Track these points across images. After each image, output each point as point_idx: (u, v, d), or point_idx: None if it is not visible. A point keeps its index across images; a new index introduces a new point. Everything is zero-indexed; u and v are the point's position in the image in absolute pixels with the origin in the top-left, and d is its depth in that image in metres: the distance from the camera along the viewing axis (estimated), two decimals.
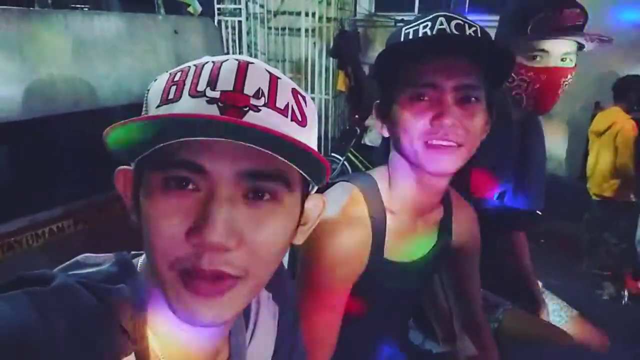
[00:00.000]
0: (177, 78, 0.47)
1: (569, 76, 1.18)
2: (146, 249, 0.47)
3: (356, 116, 5.11)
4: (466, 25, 0.80)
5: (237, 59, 0.47)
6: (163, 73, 0.50)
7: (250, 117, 0.44)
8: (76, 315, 0.44)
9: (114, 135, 0.41)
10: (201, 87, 0.45)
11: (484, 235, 1.10)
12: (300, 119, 0.48)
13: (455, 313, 1.15)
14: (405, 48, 0.82)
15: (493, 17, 1.32)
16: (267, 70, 0.48)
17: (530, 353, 1.26)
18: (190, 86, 0.45)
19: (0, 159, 1.59)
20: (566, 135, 4.19)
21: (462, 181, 0.99)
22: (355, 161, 4.92)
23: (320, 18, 5.52)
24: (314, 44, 5.66)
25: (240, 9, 6.00)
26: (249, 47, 6.18)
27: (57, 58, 1.67)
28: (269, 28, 6.02)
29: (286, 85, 0.49)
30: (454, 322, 1.17)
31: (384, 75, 0.85)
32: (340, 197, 0.87)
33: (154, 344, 0.51)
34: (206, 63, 0.47)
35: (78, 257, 0.54)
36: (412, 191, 0.89)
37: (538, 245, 3.40)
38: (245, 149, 0.42)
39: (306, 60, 5.71)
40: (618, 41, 1.22)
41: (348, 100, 5.84)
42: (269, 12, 5.97)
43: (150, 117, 0.42)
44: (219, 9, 6.02)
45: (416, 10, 5.43)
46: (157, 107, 0.47)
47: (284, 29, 5.95)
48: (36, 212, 1.62)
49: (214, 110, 0.43)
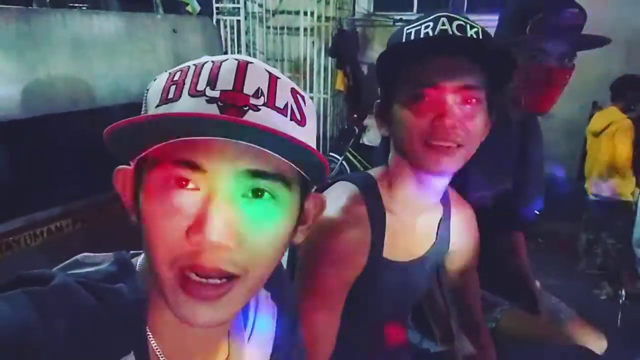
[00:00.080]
0: (176, 77, 0.47)
1: (568, 76, 1.18)
2: (145, 248, 0.47)
3: (355, 115, 5.11)
4: (468, 26, 0.80)
5: (236, 59, 0.47)
6: (162, 72, 0.50)
7: (250, 116, 0.44)
8: (75, 315, 0.44)
9: (114, 134, 0.41)
10: (201, 86, 0.45)
11: (483, 235, 1.10)
12: (299, 118, 0.48)
13: (453, 312, 1.16)
14: (407, 48, 0.83)
15: (492, 17, 1.32)
16: (267, 70, 0.48)
17: (528, 353, 1.26)
18: (190, 86, 0.45)
19: None
20: (564, 135, 4.19)
21: (462, 181, 0.99)
22: (354, 161, 4.91)
23: (319, 17, 5.51)
24: (313, 43, 5.66)
25: (239, 8, 6.00)
26: (247, 46, 6.17)
27: (55, 57, 1.66)
28: (268, 27, 6.02)
29: (285, 84, 0.49)
30: (451, 321, 1.17)
31: (385, 75, 0.85)
32: (339, 197, 0.87)
33: (153, 343, 0.51)
34: (206, 63, 0.47)
35: (77, 257, 0.54)
36: (411, 191, 0.89)
37: (537, 245, 3.41)
38: (245, 148, 0.42)
39: (305, 59, 5.71)
40: (616, 41, 1.22)
41: (346, 99, 5.83)
42: (267, 11, 5.97)
43: (150, 117, 0.42)
44: (217, 8, 6.01)
45: (415, 9, 5.43)
46: (157, 106, 0.47)
47: (282, 28, 5.94)
48: (34, 211, 1.62)
49: (213, 109, 0.43)
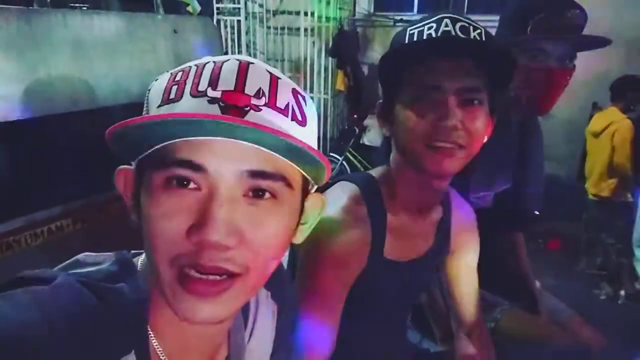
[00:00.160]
0: (178, 78, 0.47)
1: (569, 77, 1.18)
2: (146, 247, 0.47)
3: (355, 116, 5.11)
4: (471, 28, 0.79)
5: (238, 59, 0.47)
6: (163, 72, 0.51)
7: (251, 116, 0.44)
8: (76, 314, 0.44)
9: (116, 134, 0.41)
10: (202, 87, 0.45)
11: (483, 235, 1.10)
12: (300, 118, 0.48)
13: (453, 312, 1.16)
14: (410, 49, 0.82)
15: (493, 17, 1.32)
16: (268, 70, 0.48)
17: (528, 353, 1.26)
18: (192, 86, 0.45)
19: None
20: (564, 136, 4.20)
21: (462, 181, 1.00)
22: (354, 161, 4.92)
23: (320, 17, 5.52)
24: (313, 43, 5.66)
25: (239, 8, 6.00)
26: (248, 46, 6.17)
27: (56, 57, 1.66)
28: (268, 27, 6.03)
29: (286, 85, 0.49)
30: (451, 321, 1.18)
31: (388, 75, 0.85)
32: (340, 197, 0.87)
33: (154, 342, 0.52)
34: (207, 63, 0.47)
35: (78, 256, 0.54)
36: (412, 191, 0.89)
37: (537, 245, 3.41)
38: (246, 149, 0.42)
39: (305, 59, 5.71)
40: (616, 41, 1.22)
41: (347, 99, 5.84)
42: (268, 11, 5.97)
43: (152, 117, 0.43)
44: (218, 8, 6.02)
45: (415, 10, 5.44)
46: (159, 106, 0.47)
47: (283, 28, 5.95)
48: (34, 211, 1.62)
49: (215, 110, 0.44)
